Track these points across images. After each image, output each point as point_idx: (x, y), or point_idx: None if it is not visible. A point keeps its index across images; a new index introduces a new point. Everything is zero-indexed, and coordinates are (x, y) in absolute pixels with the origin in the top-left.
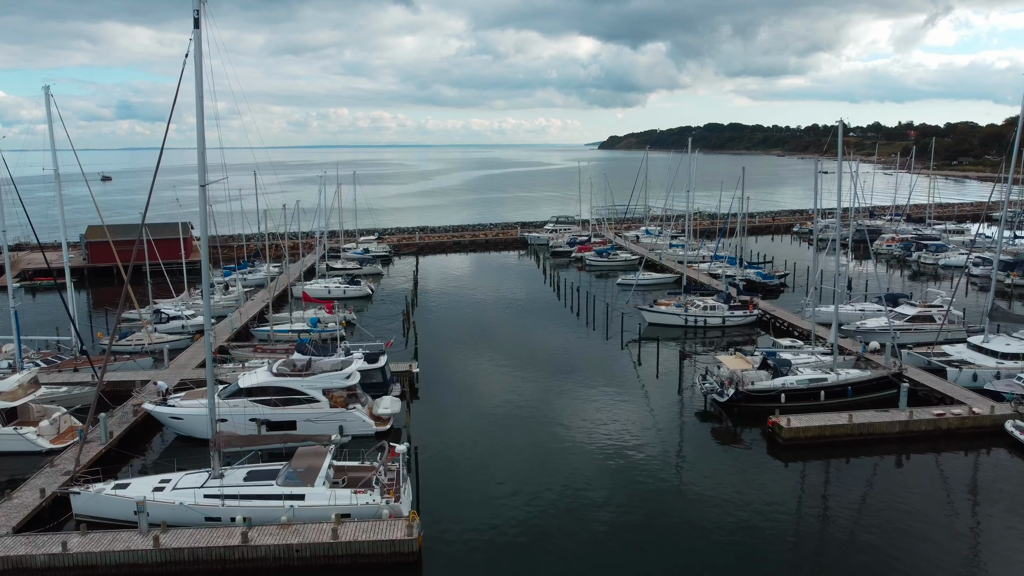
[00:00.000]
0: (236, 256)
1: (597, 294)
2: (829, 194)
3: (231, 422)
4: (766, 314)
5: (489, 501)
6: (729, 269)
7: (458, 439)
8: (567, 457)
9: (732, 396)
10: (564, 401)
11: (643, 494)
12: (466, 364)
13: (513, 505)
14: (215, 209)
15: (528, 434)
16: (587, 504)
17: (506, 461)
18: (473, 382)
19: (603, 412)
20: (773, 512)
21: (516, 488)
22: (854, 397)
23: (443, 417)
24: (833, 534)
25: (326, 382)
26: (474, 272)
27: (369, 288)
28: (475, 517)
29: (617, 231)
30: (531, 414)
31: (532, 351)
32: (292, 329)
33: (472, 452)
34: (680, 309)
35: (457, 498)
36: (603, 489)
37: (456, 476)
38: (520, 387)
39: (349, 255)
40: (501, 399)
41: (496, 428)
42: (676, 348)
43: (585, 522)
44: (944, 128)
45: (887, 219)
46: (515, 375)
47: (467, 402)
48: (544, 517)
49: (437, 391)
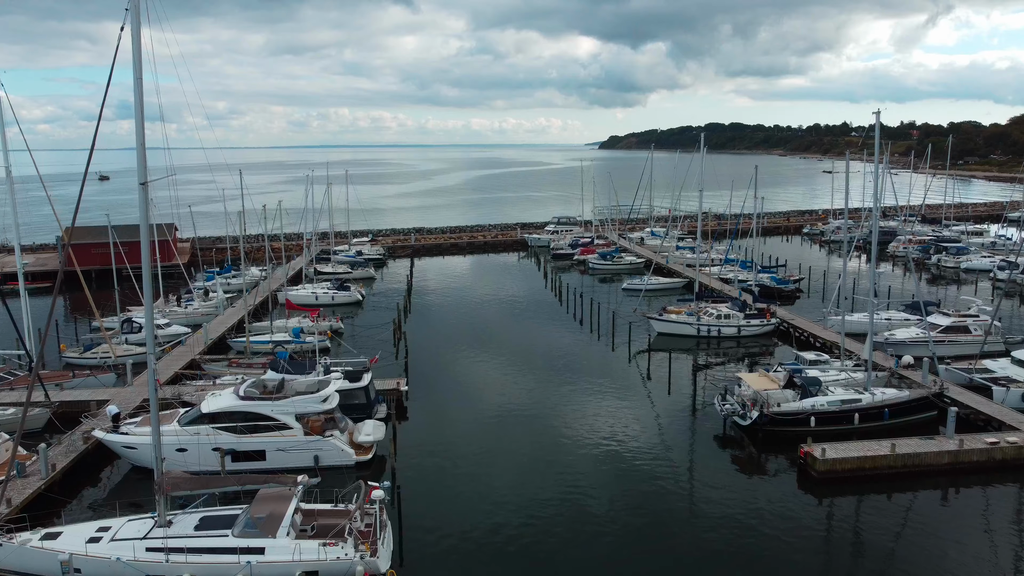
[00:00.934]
0: (216, 259)
1: (601, 300)
2: (839, 193)
3: (192, 452)
4: (784, 323)
5: (483, 549)
6: (741, 273)
7: (450, 472)
8: (572, 491)
9: (756, 419)
10: (569, 421)
11: (661, 531)
12: (461, 379)
13: (511, 551)
14: (196, 210)
15: (528, 461)
16: (598, 556)
17: (504, 498)
18: (468, 401)
19: (613, 435)
20: (805, 553)
21: (515, 534)
22: (891, 420)
23: (433, 445)
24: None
25: (300, 406)
26: (472, 275)
27: (360, 294)
28: (466, 573)
29: (621, 232)
30: (532, 437)
31: (532, 363)
32: (272, 340)
33: (465, 489)
34: (692, 318)
35: (445, 548)
36: (615, 534)
37: (445, 520)
38: (519, 404)
39: (340, 258)
40: (499, 421)
41: (493, 457)
42: (689, 359)
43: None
44: (947, 128)
45: (901, 220)
46: (514, 391)
47: (461, 425)
48: (547, 569)
49: (428, 412)
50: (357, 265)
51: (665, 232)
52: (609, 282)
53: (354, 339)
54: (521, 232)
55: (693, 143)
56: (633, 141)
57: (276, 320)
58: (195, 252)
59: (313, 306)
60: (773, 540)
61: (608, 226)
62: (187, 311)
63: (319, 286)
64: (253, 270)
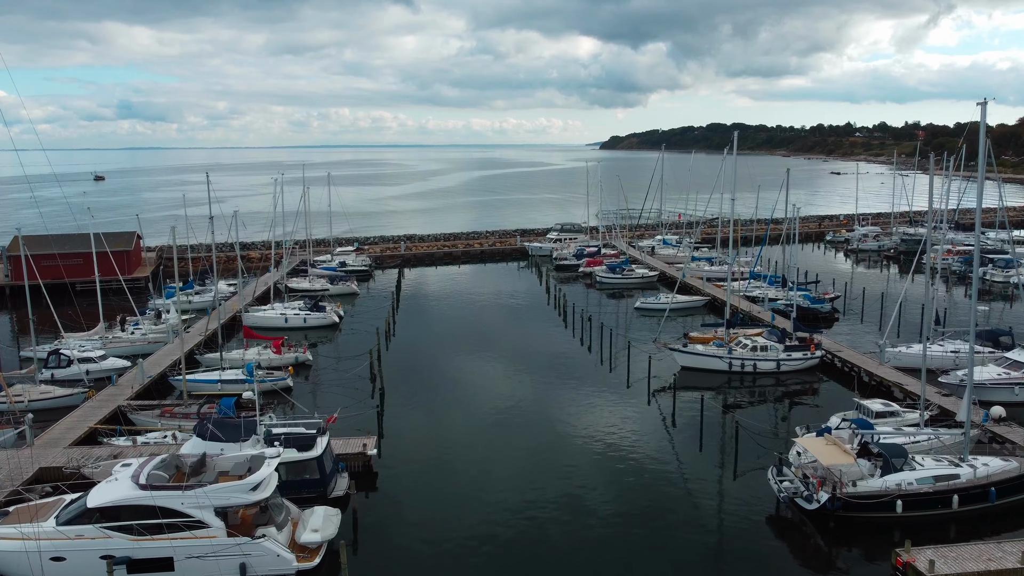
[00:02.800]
0: (192, 269)
1: (611, 321)
2: (842, 198)
3: (74, 562)
4: (828, 354)
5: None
6: (769, 290)
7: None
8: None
9: (826, 503)
10: (576, 491)
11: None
12: (444, 430)
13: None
14: (169, 214)
15: (525, 549)
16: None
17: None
18: (452, 462)
19: (632, 510)
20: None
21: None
22: (998, 501)
23: (406, 535)
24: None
25: (221, 497)
26: (466, 289)
27: (336, 315)
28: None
29: (630, 240)
30: (528, 518)
31: (534, 406)
32: (222, 379)
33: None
34: (722, 350)
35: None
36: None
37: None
38: (516, 467)
39: (319, 270)
40: (488, 489)
41: (480, 545)
42: (719, 401)
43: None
44: (954, 128)
45: (935, 226)
46: (511, 447)
47: (441, 503)
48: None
49: (401, 481)
50: (337, 279)
51: (678, 240)
52: (619, 298)
53: (321, 375)
54: (521, 240)
55: (695, 143)
56: (634, 141)
57: (232, 351)
58: (163, 263)
59: (278, 332)
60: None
61: (616, 233)
62: (133, 338)
63: (290, 305)
64: (222, 285)
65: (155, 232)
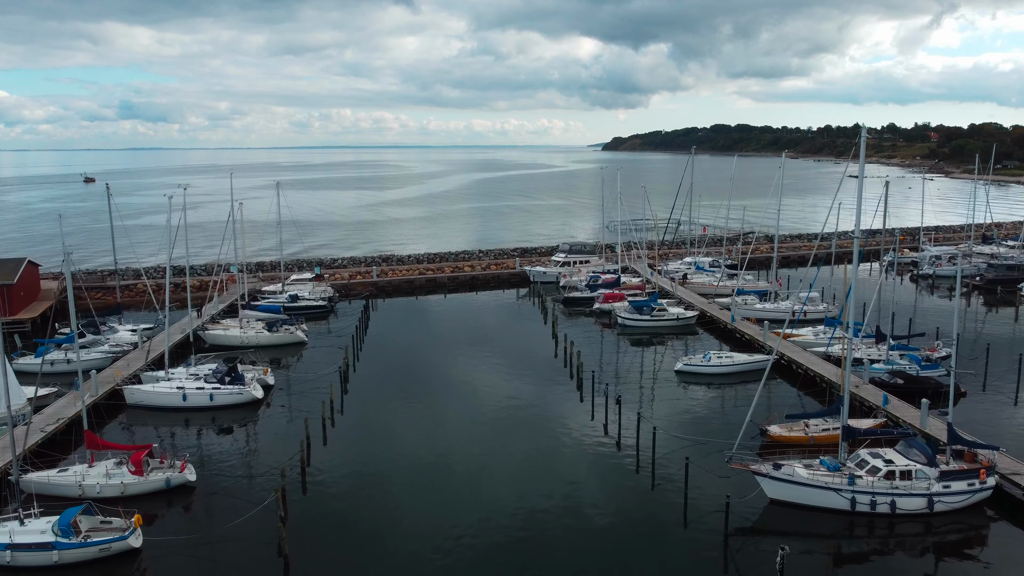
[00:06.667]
0: (113, 302)
1: (645, 391)
2: (845, 208)
3: None
4: (1004, 480)
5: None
6: (858, 346)
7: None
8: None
9: None
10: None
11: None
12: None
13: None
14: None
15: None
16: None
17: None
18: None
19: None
20: None
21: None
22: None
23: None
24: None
25: None
26: (449, 332)
27: (261, 386)
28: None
29: (653, 262)
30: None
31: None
32: (10, 544)
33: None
34: (838, 476)
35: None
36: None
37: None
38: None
39: (260, 308)
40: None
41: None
42: (830, 569)
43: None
44: (968, 129)
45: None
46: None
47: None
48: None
49: None
50: (278, 324)
51: (712, 263)
52: (647, 345)
53: (206, 499)
54: (520, 262)
55: (698, 145)
56: (637, 142)
57: (69, 467)
58: (66, 297)
59: (171, 414)
60: None
61: (637, 254)
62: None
63: (197, 372)
64: (124, 333)
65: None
